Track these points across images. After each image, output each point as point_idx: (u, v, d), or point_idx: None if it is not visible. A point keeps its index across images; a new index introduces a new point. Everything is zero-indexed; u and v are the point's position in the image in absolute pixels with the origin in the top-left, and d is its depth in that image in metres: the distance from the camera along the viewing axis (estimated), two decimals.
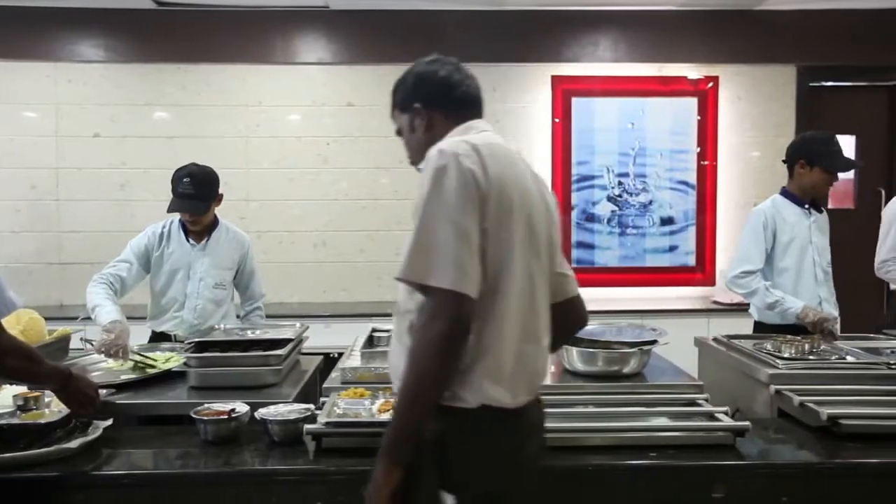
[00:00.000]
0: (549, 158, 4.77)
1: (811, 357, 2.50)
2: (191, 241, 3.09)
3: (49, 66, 4.60)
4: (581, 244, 4.85)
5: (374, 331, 2.77)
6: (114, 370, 2.54)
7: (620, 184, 4.84)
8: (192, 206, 2.98)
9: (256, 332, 2.73)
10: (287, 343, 2.52)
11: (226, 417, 1.96)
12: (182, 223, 3.09)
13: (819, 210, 3.16)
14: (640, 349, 2.35)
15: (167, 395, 2.30)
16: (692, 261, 4.88)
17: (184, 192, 2.95)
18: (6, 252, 4.61)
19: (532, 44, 4.67)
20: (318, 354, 2.90)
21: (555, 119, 4.77)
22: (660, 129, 4.82)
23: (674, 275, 4.87)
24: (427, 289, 1.36)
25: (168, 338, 3.06)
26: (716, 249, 4.86)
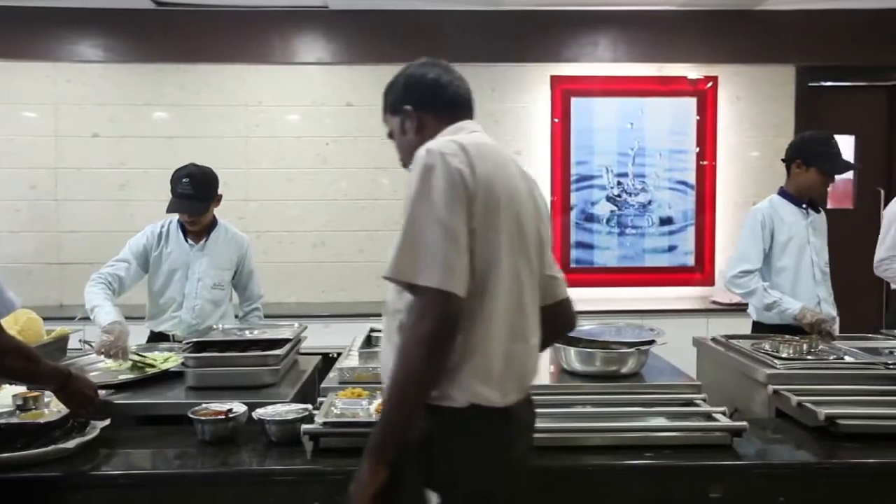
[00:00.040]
0: (549, 158, 4.75)
1: (809, 357, 2.51)
2: (189, 242, 3.09)
3: (48, 66, 4.60)
4: (580, 244, 4.85)
5: (373, 331, 2.77)
6: (112, 370, 2.55)
7: (619, 184, 4.83)
8: (191, 207, 2.98)
9: (254, 333, 2.73)
10: (285, 343, 2.52)
11: (223, 417, 1.96)
12: (181, 223, 3.09)
13: (817, 210, 3.16)
14: (638, 349, 2.36)
15: (165, 395, 2.31)
16: (691, 261, 4.88)
17: (183, 193, 2.95)
18: (5, 252, 4.61)
19: (531, 44, 4.66)
20: (317, 354, 2.90)
21: (554, 119, 4.76)
22: (659, 129, 4.82)
23: (673, 275, 4.87)
24: (415, 288, 1.36)
25: (166, 338, 3.06)
26: (715, 249, 4.86)
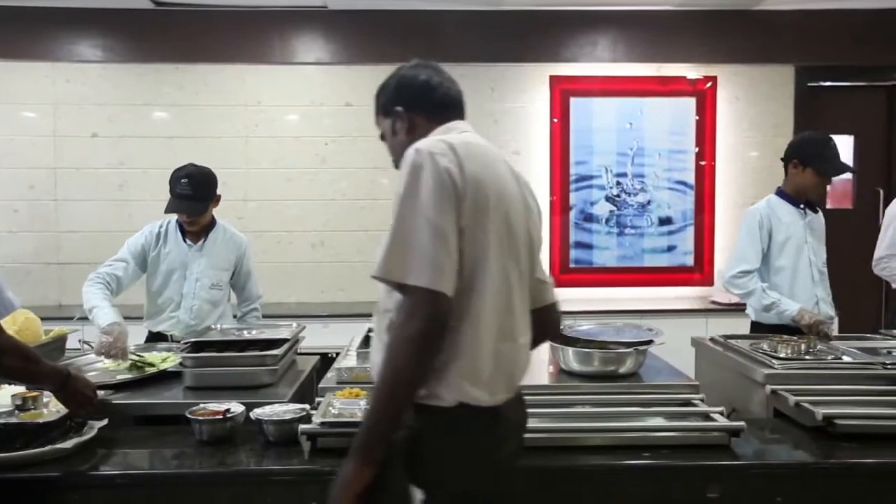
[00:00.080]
0: (548, 158, 4.75)
1: (807, 357, 2.51)
2: (188, 242, 3.09)
3: (47, 66, 4.60)
4: (579, 244, 4.85)
5: (371, 331, 2.74)
6: (110, 370, 2.55)
7: (619, 184, 4.83)
8: (190, 207, 2.98)
9: (253, 332, 2.73)
10: (283, 343, 2.52)
11: (221, 417, 1.96)
12: (179, 223, 3.09)
13: (815, 210, 3.16)
14: (636, 349, 2.36)
15: (163, 395, 2.31)
16: (690, 261, 4.88)
17: (182, 193, 2.95)
18: (4, 252, 4.61)
19: (530, 44, 4.66)
20: (316, 354, 2.90)
21: (553, 119, 4.76)
22: (658, 129, 4.82)
23: (672, 275, 4.87)
24: (404, 287, 1.36)
25: (164, 338, 3.07)
26: (714, 249, 4.86)
